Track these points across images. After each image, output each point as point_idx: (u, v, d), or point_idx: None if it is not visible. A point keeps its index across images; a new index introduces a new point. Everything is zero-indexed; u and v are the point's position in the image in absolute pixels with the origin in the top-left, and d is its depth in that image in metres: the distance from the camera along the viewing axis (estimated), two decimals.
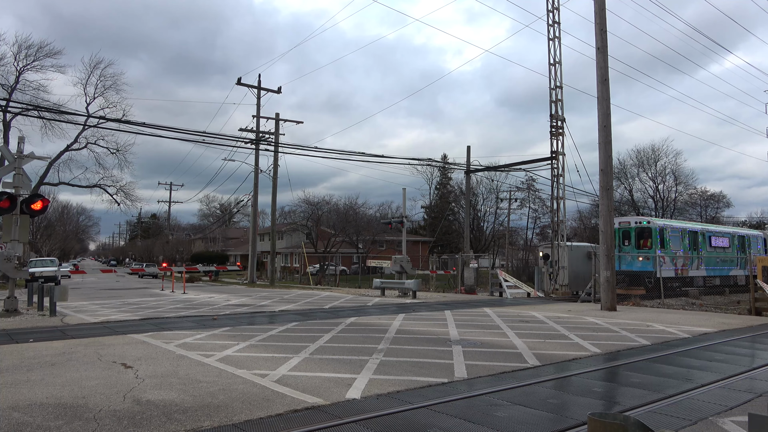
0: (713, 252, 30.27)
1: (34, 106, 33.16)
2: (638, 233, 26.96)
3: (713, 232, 31.07)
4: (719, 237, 31.04)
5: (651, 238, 26.44)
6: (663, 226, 27.02)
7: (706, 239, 29.76)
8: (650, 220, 27.72)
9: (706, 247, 29.68)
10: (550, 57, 30.06)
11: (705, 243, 29.58)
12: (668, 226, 27.38)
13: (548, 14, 30.24)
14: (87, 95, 41.16)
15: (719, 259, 30.59)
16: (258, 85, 36.59)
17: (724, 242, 31.09)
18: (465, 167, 36.63)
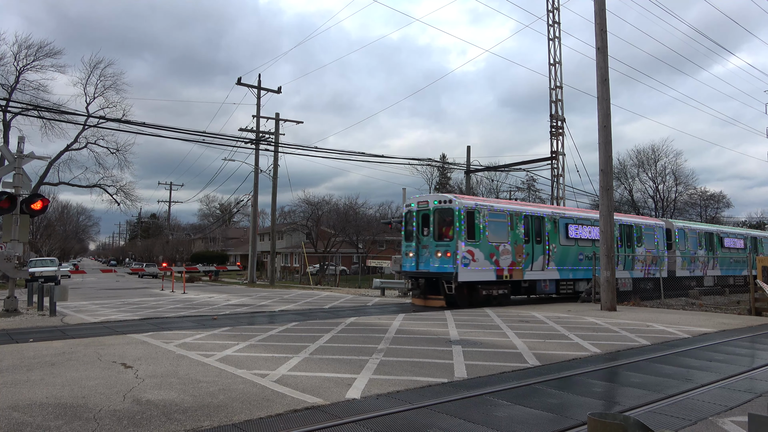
0: (573, 246, 21.86)
1: (34, 106, 33.17)
2: (439, 217, 18.72)
3: (573, 219, 22.18)
4: (584, 226, 22.55)
5: (452, 225, 18.22)
6: (474, 208, 18.66)
7: (559, 228, 21.44)
8: (454, 198, 18.66)
9: (559, 239, 21.32)
10: (550, 57, 30.10)
11: (557, 234, 21.39)
12: (482, 207, 18.96)
13: (548, 14, 30.27)
14: (87, 95, 41.18)
15: (583, 256, 22.16)
16: (258, 85, 36.59)
17: (592, 233, 22.46)
18: (465, 167, 36.63)
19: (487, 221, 18.86)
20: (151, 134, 43.72)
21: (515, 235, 19.76)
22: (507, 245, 19.42)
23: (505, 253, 19.37)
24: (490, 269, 18.81)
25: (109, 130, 39.73)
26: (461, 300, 18.20)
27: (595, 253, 21.22)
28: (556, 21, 30.06)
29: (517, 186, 56.03)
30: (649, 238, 25.71)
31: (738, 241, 32.22)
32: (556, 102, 29.72)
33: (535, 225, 20.60)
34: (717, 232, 30.85)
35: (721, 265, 30.17)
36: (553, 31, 30.08)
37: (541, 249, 20.69)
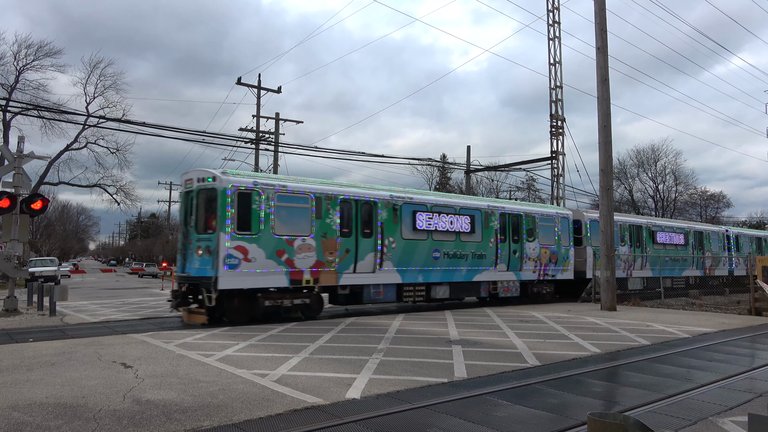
0: (424, 240, 17.00)
1: (34, 105, 33.17)
2: (203, 201, 13.94)
3: (425, 206, 17.28)
4: (443, 215, 17.62)
5: (216, 211, 13.45)
6: (251, 188, 13.67)
7: (401, 218, 16.46)
8: (219, 174, 13.75)
9: (401, 232, 16.46)
10: (550, 57, 30.09)
11: (398, 225, 16.35)
12: (267, 187, 13.94)
13: (548, 14, 30.25)
14: (87, 95, 41.19)
15: (441, 253, 17.42)
16: (258, 85, 36.58)
17: (456, 224, 17.91)
18: (465, 167, 36.64)
19: (274, 207, 13.89)
20: (151, 134, 43.78)
21: (324, 226, 14.69)
22: (309, 239, 14.37)
23: (305, 249, 14.33)
24: (279, 272, 13.77)
25: (109, 129, 39.72)
26: (231, 314, 13.27)
27: (454, 251, 17.55)
28: (556, 21, 30.06)
29: (517, 186, 56.08)
30: (546, 231, 20.79)
31: (677, 236, 27.73)
32: (556, 102, 29.72)
33: (361, 213, 15.60)
34: (648, 225, 26.11)
35: (653, 264, 25.40)
36: (553, 30, 30.08)
37: (370, 244, 15.60)
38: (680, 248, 27.62)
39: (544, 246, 20.72)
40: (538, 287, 20.72)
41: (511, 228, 19.66)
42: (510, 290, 19.53)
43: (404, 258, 16.50)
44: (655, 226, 26.66)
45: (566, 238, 21.70)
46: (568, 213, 22.45)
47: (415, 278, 16.77)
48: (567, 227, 21.83)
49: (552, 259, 20.96)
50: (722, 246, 31.04)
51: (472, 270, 18.34)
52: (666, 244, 26.62)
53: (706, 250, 29.40)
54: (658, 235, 26.30)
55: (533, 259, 20.20)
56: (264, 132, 36.90)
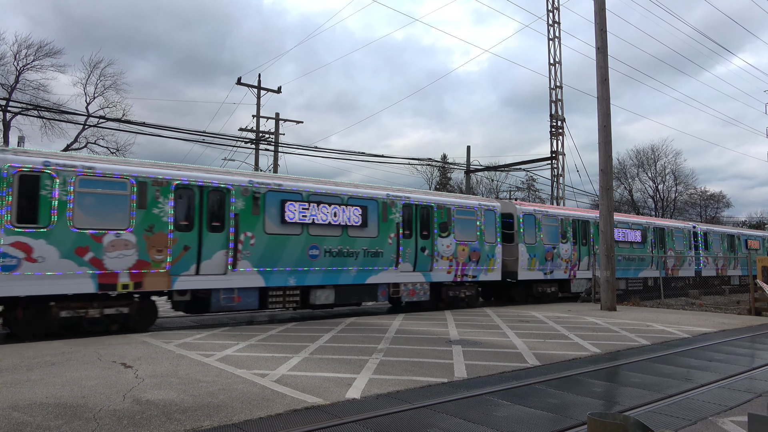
0: (298, 236, 14.29)
1: (34, 105, 33.16)
2: None
3: (300, 195, 14.51)
4: (323, 205, 14.92)
5: None
6: (35, 170, 11.03)
7: (264, 208, 13.83)
8: None
9: (264, 225, 13.75)
10: (550, 57, 30.12)
11: (260, 217, 13.75)
12: (61, 166, 11.29)
13: (548, 14, 30.28)
14: (87, 95, 41.15)
15: (321, 251, 14.66)
16: (258, 85, 36.59)
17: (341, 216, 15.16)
18: (465, 167, 36.64)
19: (74, 193, 11.34)
20: (151, 134, 43.70)
21: (150, 218, 12.15)
22: (126, 234, 11.79)
23: (120, 246, 11.73)
24: (80, 274, 11.22)
25: (109, 129, 39.70)
26: (15, 328, 11.13)
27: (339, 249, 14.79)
28: (556, 21, 30.08)
29: (517, 186, 56.07)
30: (465, 225, 18.10)
31: (632, 233, 24.89)
32: (556, 102, 29.74)
33: (208, 202, 13.01)
34: (595, 221, 22.20)
35: None
36: (553, 31, 30.10)
37: (220, 240, 13.00)
38: (637, 246, 24.94)
39: (463, 242, 17.88)
40: (455, 290, 17.96)
41: (419, 221, 16.91)
42: (417, 293, 16.74)
43: (269, 256, 13.68)
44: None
45: (492, 233, 18.94)
46: (494, 205, 19.57)
47: (284, 281, 13.94)
48: (493, 221, 19.08)
49: (473, 257, 18.14)
50: (688, 244, 28.40)
51: (365, 270, 15.47)
52: (619, 242, 23.59)
53: (669, 249, 26.81)
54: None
55: (447, 258, 17.40)
56: (264, 132, 36.91)
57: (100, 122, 34.66)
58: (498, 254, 19.03)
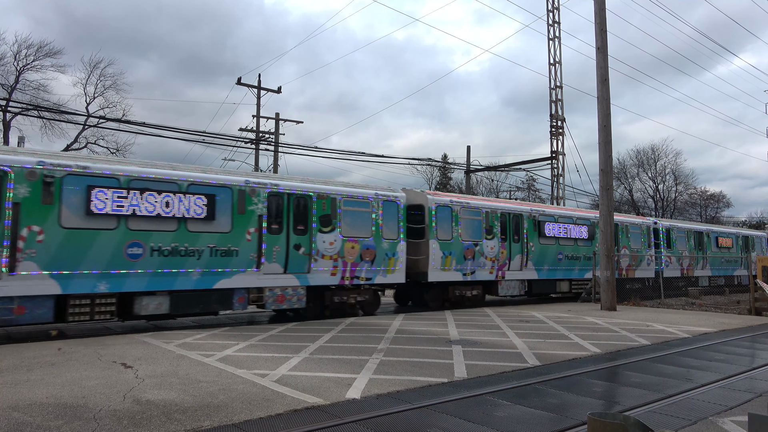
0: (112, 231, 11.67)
1: (34, 105, 33.17)
2: None
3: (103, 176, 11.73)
4: (149, 193, 12.23)
5: None
6: None
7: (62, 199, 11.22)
8: None
9: (59, 219, 11.17)
10: (550, 57, 30.13)
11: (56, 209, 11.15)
12: None
13: (548, 14, 30.29)
14: (87, 95, 41.15)
15: (146, 248, 12.11)
16: (258, 85, 36.61)
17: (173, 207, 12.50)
18: (465, 167, 36.64)
19: None
20: (151, 134, 43.71)
21: None
22: None
23: None
24: None
25: (109, 130, 39.70)
26: None
27: (173, 246, 12.28)
28: (556, 21, 30.09)
29: (517, 186, 56.07)
30: (357, 218, 15.47)
31: (576, 229, 21.97)
32: (556, 102, 29.75)
33: None
34: (532, 214, 20.34)
35: (538, 263, 20.24)
36: (553, 30, 30.11)
37: None
38: (582, 244, 22.08)
39: (353, 239, 15.16)
40: (342, 295, 15.20)
41: (293, 214, 14.18)
42: (288, 299, 14.03)
43: (67, 257, 11.13)
44: (544, 215, 20.96)
45: (393, 228, 16.18)
46: (397, 195, 16.68)
47: (91, 286, 11.39)
48: (395, 214, 16.31)
49: (366, 256, 15.40)
50: (647, 242, 25.51)
51: (214, 273, 12.88)
52: (559, 238, 21.09)
53: (623, 246, 23.91)
54: (546, 227, 20.71)
55: (331, 257, 14.70)
56: (264, 132, 36.92)
57: (100, 122, 34.67)
58: (401, 252, 16.27)
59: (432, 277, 17.12)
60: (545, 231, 20.67)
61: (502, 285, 19.29)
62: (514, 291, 19.67)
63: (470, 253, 18.17)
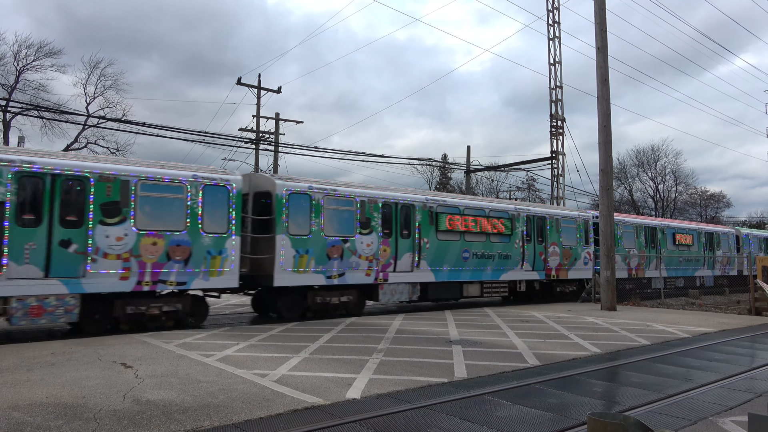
0: None
1: (34, 105, 33.18)
2: None
3: None
4: None
5: None
6: None
7: None
8: None
9: None
10: (550, 57, 30.11)
11: None
12: None
13: (548, 14, 30.28)
14: (87, 95, 41.16)
15: None
16: (258, 85, 36.61)
17: None
18: (465, 167, 36.65)
19: None
20: (151, 134, 43.69)
21: None
22: None
23: None
24: None
25: (109, 130, 39.71)
26: None
27: None
28: (555, 21, 30.08)
29: (517, 186, 56.06)
30: (162, 207, 12.37)
31: (490, 222, 18.56)
32: (556, 102, 29.74)
33: None
34: (425, 205, 16.95)
35: (436, 263, 17.03)
36: (553, 30, 30.11)
37: None
38: (497, 239, 18.76)
39: (153, 233, 12.08)
40: (140, 304, 12.08)
41: (60, 201, 11.14)
42: (51, 312, 10.87)
43: None
44: (444, 206, 17.55)
45: (221, 220, 13.05)
46: (227, 179, 13.34)
47: None
48: (225, 203, 13.16)
49: (175, 254, 12.30)
50: (583, 238, 22.06)
51: None
52: (465, 233, 17.88)
53: (551, 243, 20.66)
54: (447, 220, 17.40)
55: (119, 257, 11.61)
56: (264, 132, 36.92)
57: (100, 122, 34.68)
58: (232, 250, 13.15)
59: (280, 281, 13.78)
60: (446, 225, 17.33)
61: (385, 289, 15.97)
62: (402, 296, 16.47)
63: (337, 251, 14.88)
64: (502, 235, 19.00)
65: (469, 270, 17.99)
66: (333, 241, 14.94)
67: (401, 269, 16.28)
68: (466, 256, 17.94)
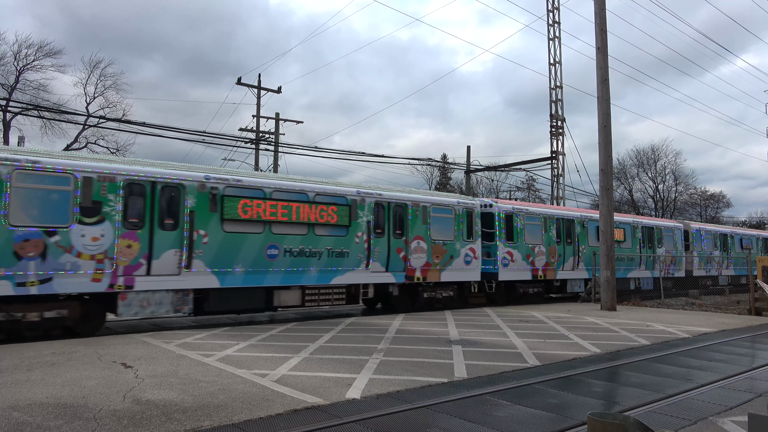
0: None
1: (34, 105, 33.19)
2: None
3: None
4: None
5: None
6: None
7: None
8: None
9: None
10: (550, 57, 30.13)
11: None
12: None
13: (548, 14, 30.30)
14: (87, 95, 41.17)
15: None
16: (258, 85, 36.62)
17: None
18: (465, 167, 36.65)
19: None
20: (151, 134, 43.68)
21: None
22: None
23: None
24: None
25: (109, 129, 39.71)
26: None
27: None
28: (555, 21, 30.10)
29: (517, 186, 56.04)
30: None
31: (313, 210, 14.42)
32: (556, 102, 29.76)
33: None
34: (202, 186, 12.77)
35: (222, 262, 12.89)
36: (553, 31, 30.12)
37: None
38: (326, 232, 14.58)
39: None
40: None
41: None
42: None
43: None
44: (234, 188, 13.24)
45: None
46: None
47: None
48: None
49: None
50: (465, 231, 17.85)
51: None
52: (273, 224, 13.65)
53: (415, 237, 16.38)
54: (240, 206, 13.19)
55: None
56: (264, 132, 36.92)
57: (100, 122, 34.69)
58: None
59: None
60: (238, 212, 13.12)
61: (130, 300, 11.79)
62: (161, 308, 12.23)
63: (33, 247, 10.64)
64: (334, 226, 14.73)
65: (279, 272, 13.69)
66: (27, 234, 10.59)
67: (159, 271, 12.08)
68: (274, 253, 13.62)
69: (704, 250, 29.18)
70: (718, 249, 30.35)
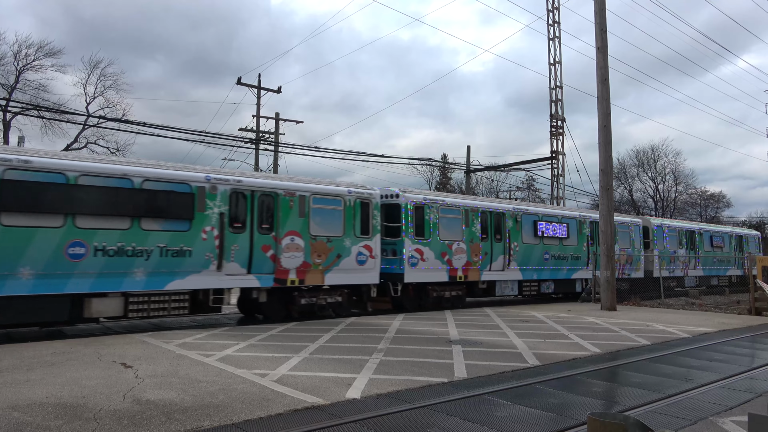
0: None
1: (34, 105, 33.18)
2: None
3: None
4: None
5: None
6: None
7: None
8: None
9: None
10: (550, 57, 30.12)
11: None
12: None
13: (548, 14, 30.30)
14: (87, 95, 41.15)
15: None
16: (258, 85, 36.61)
17: None
18: (465, 167, 36.66)
19: None
20: (151, 134, 43.68)
21: None
22: None
23: None
24: None
25: (109, 129, 39.70)
26: None
27: None
28: (555, 21, 30.09)
29: (517, 186, 56.03)
30: None
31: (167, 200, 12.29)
32: (556, 102, 29.75)
33: None
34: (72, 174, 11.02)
35: None
36: (553, 30, 30.12)
37: None
38: (162, 226, 12.13)
39: None
40: None
41: None
42: None
43: None
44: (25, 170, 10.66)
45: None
46: None
47: None
48: None
49: None
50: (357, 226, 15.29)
51: None
52: (76, 215, 11.13)
53: (287, 233, 14.02)
54: (34, 194, 10.82)
55: None
56: (264, 132, 36.90)
57: (100, 122, 34.68)
58: None
59: None
60: (30, 201, 10.68)
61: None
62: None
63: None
64: (171, 220, 12.27)
65: (90, 275, 11.18)
66: None
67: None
68: (80, 252, 11.09)
69: (667, 248, 26.45)
70: (683, 247, 27.59)
